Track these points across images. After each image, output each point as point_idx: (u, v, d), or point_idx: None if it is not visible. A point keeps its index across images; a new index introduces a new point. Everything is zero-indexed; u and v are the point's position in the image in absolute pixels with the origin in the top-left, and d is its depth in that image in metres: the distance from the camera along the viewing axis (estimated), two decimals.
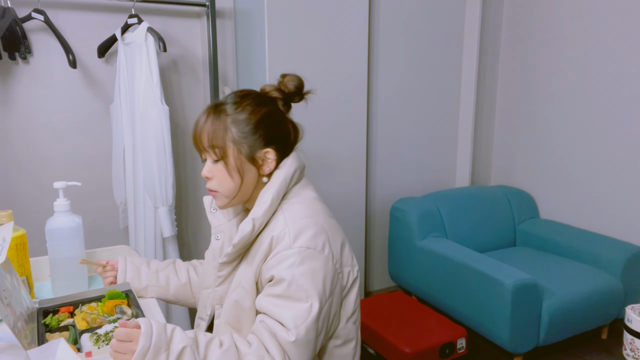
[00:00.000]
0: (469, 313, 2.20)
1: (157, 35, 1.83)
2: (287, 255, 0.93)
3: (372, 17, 2.58)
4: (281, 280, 0.92)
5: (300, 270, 0.92)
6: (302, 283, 0.91)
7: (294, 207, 1.01)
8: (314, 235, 0.96)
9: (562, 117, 2.71)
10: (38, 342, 0.93)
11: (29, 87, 1.98)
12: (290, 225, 0.96)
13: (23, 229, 1.18)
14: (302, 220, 0.97)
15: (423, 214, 2.55)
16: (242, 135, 0.99)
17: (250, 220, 0.97)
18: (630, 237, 2.42)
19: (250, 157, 1.01)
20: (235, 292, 1.01)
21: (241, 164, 1.00)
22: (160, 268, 1.26)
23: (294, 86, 1.06)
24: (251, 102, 1.01)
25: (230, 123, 0.99)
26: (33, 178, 2.04)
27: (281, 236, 0.96)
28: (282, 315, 0.91)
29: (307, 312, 0.90)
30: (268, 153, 1.01)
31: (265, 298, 0.95)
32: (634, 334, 1.49)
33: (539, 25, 2.79)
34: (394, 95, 2.75)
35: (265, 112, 1.01)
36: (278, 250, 0.95)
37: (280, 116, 1.05)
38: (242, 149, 1.00)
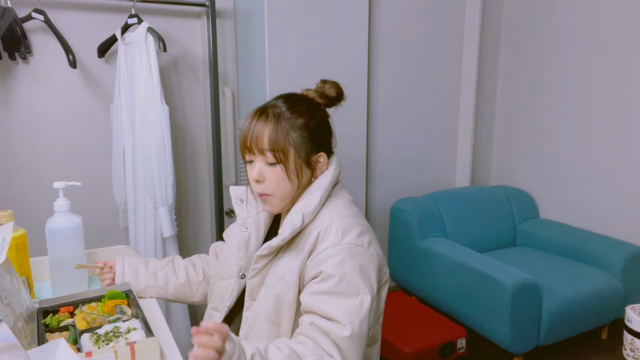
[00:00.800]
0: (469, 313, 2.20)
1: (157, 35, 1.83)
2: (336, 251, 0.95)
3: (372, 17, 2.58)
4: (331, 277, 0.94)
5: (350, 266, 0.94)
6: (352, 279, 0.93)
7: (337, 205, 1.05)
8: (360, 234, 0.99)
9: (562, 117, 2.71)
10: (38, 342, 0.93)
11: (29, 87, 1.98)
12: (336, 222, 1.00)
13: (23, 229, 1.18)
14: (347, 219, 1.01)
15: (423, 214, 2.55)
16: (302, 141, 1.02)
17: (300, 216, 1.00)
18: (630, 237, 2.42)
19: (307, 161, 1.04)
20: (277, 286, 1.01)
21: (300, 168, 1.03)
22: (159, 268, 1.25)
23: (335, 92, 1.11)
24: (306, 108, 1.05)
25: (290, 128, 1.01)
26: (33, 178, 2.04)
27: (328, 232, 0.98)
28: (334, 311, 0.91)
29: (359, 306, 0.92)
30: (320, 157, 1.06)
31: (313, 296, 0.95)
32: (634, 334, 1.49)
33: (539, 25, 2.79)
34: (394, 96, 2.75)
35: (320, 118, 1.07)
36: (326, 246, 0.97)
37: (329, 122, 1.10)
38: (301, 153, 1.03)
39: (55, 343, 0.83)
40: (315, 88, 1.12)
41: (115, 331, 0.95)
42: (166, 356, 0.95)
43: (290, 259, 1.02)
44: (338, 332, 0.90)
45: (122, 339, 0.93)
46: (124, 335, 0.94)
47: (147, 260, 1.27)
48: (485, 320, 2.12)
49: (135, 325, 0.98)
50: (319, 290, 0.94)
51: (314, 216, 1.03)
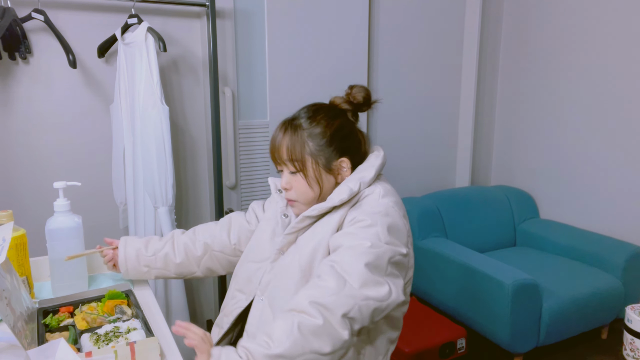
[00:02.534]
0: (469, 313, 2.20)
1: (157, 35, 1.83)
2: (375, 205, 1.02)
3: (372, 17, 2.58)
4: (362, 220, 0.99)
5: (384, 220, 0.99)
6: (379, 230, 0.97)
7: (386, 185, 1.11)
8: (398, 203, 1.06)
9: (562, 117, 2.71)
10: (38, 342, 0.93)
11: (29, 87, 1.98)
12: (379, 187, 1.06)
13: (23, 229, 1.18)
14: (392, 190, 1.09)
15: (423, 214, 2.55)
16: (319, 149, 1.06)
17: (357, 183, 1.06)
18: (630, 237, 2.42)
19: (327, 168, 1.08)
20: (313, 241, 1.05)
21: (320, 175, 1.08)
22: (158, 249, 1.26)
23: (362, 97, 1.13)
24: (324, 116, 1.08)
25: (307, 137, 1.06)
26: (33, 178, 2.04)
27: (371, 193, 1.05)
28: (357, 241, 0.96)
29: (378, 248, 0.96)
30: (343, 162, 1.09)
31: (340, 234, 1.00)
32: (634, 334, 1.49)
33: (539, 25, 2.79)
34: (394, 96, 2.75)
35: (338, 124, 1.09)
36: (367, 201, 1.04)
37: (351, 127, 1.12)
38: (320, 160, 1.07)
39: (55, 343, 0.83)
40: (344, 94, 1.16)
41: (115, 331, 0.95)
42: (166, 356, 0.95)
43: (330, 220, 1.06)
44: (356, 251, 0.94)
45: (122, 339, 0.93)
46: (124, 335, 0.94)
47: (148, 240, 1.27)
48: (485, 320, 2.12)
49: (135, 325, 0.98)
50: (347, 230, 1.00)
51: (367, 187, 1.07)
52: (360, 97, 1.13)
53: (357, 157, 1.12)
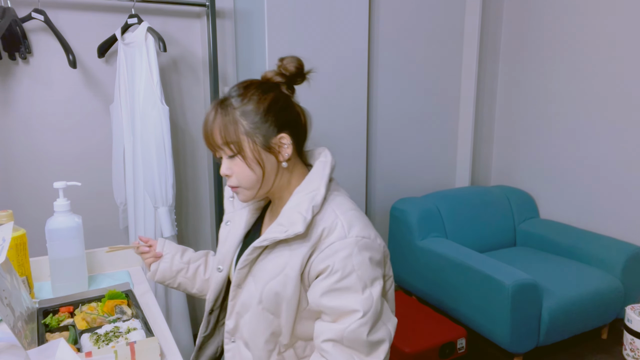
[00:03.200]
0: (469, 313, 2.20)
1: (157, 35, 1.83)
2: (343, 245, 0.93)
3: (372, 17, 2.58)
4: (338, 271, 0.92)
5: (358, 259, 0.92)
6: (361, 273, 0.92)
7: (338, 198, 1.02)
8: (365, 226, 0.97)
9: (562, 117, 2.71)
10: (38, 342, 0.93)
11: (29, 87, 1.98)
12: (340, 216, 0.96)
13: (23, 229, 1.18)
14: (351, 212, 0.98)
15: (423, 214, 2.55)
16: (254, 126, 0.97)
17: (310, 208, 0.96)
18: (630, 237, 2.42)
19: (266, 146, 0.99)
20: (276, 280, 0.97)
21: (259, 155, 0.99)
22: (193, 260, 1.25)
23: (294, 67, 1.03)
24: (256, 91, 1.00)
25: (239, 116, 0.97)
26: (33, 178, 2.04)
27: (333, 227, 0.95)
28: (344, 304, 0.91)
29: (369, 299, 0.92)
30: (283, 138, 0.99)
31: (323, 294, 0.93)
32: (634, 334, 1.49)
33: (539, 26, 2.79)
34: (394, 96, 2.75)
35: (272, 98, 1.00)
36: (332, 240, 0.94)
37: (286, 100, 1.02)
38: (257, 139, 0.98)
39: (55, 343, 0.83)
40: (276, 67, 1.06)
41: (115, 331, 0.95)
42: (166, 356, 0.95)
43: (291, 252, 0.97)
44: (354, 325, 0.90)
45: (122, 339, 0.93)
46: (124, 335, 0.94)
47: (185, 249, 1.26)
48: (485, 320, 2.12)
49: (135, 325, 0.98)
50: (327, 287, 0.93)
51: (321, 205, 0.99)
52: (292, 67, 1.03)
53: (297, 131, 1.03)
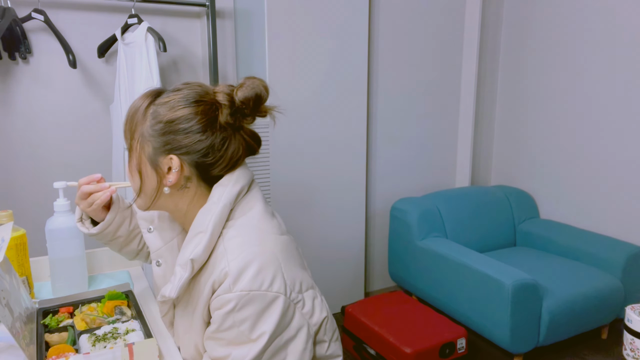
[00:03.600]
0: (469, 313, 2.20)
1: (157, 35, 1.83)
2: (227, 299, 0.80)
3: (372, 17, 2.58)
4: (221, 324, 0.81)
5: (240, 315, 0.80)
6: (243, 329, 0.80)
7: (238, 234, 0.85)
8: (258, 271, 0.81)
9: (562, 117, 2.71)
10: (37, 343, 0.93)
11: (29, 87, 1.98)
12: (231, 262, 0.81)
13: (23, 229, 1.18)
14: (246, 253, 0.82)
15: (423, 214, 2.55)
16: (151, 132, 0.84)
17: (188, 263, 0.83)
18: (630, 237, 2.42)
19: (152, 161, 0.85)
20: (188, 334, 0.92)
21: (140, 165, 0.86)
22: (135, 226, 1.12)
23: (242, 96, 0.85)
24: (181, 97, 0.84)
25: (150, 113, 0.85)
26: (33, 178, 2.04)
27: (222, 278, 0.81)
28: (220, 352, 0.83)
29: (245, 354, 0.80)
30: (172, 160, 0.84)
31: (205, 338, 0.87)
32: (634, 334, 1.48)
33: (539, 26, 2.78)
34: (394, 95, 2.75)
35: (186, 113, 0.83)
36: (219, 293, 0.81)
37: (207, 124, 0.84)
38: (146, 147, 0.85)
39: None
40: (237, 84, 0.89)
41: (113, 332, 0.95)
42: (165, 357, 0.95)
43: (191, 309, 0.89)
44: None
45: (121, 340, 0.93)
46: (122, 336, 0.94)
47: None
48: (485, 320, 2.12)
49: (134, 326, 0.98)
50: (208, 334, 0.85)
51: (208, 255, 0.85)
52: (241, 96, 0.85)
53: (201, 162, 0.85)
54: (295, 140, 2.38)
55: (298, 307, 0.86)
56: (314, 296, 0.90)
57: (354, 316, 2.20)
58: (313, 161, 2.46)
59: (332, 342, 0.95)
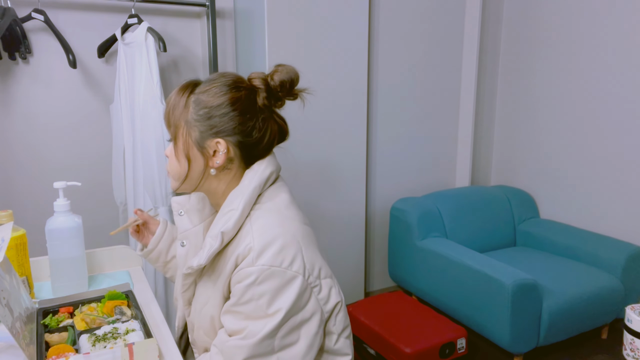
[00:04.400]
0: (469, 313, 2.20)
1: (157, 35, 1.83)
2: (249, 272, 0.85)
3: (372, 17, 2.58)
4: (240, 297, 0.86)
5: (260, 289, 0.85)
6: (261, 303, 0.85)
7: (264, 215, 0.91)
8: (280, 249, 0.86)
9: (562, 117, 2.71)
10: (37, 343, 0.93)
11: (29, 87, 1.98)
12: (256, 239, 0.87)
13: (23, 229, 1.18)
14: (271, 232, 0.88)
15: (423, 214, 2.55)
16: (196, 118, 0.90)
17: (218, 235, 0.89)
18: (630, 237, 2.42)
19: (199, 145, 0.91)
20: (206, 308, 0.96)
21: (188, 150, 0.92)
22: None
23: (278, 80, 0.93)
24: (221, 85, 0.91)
25: (192, 102, 0.91)
26: (33, 178, 2.04)
27: (245, 253, 0.87)
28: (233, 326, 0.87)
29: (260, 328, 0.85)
30: (219, 144, 0.91)
31: (223, 313, 0.90)
32: (634, 334, 1.48)
33: (539, 26, 2.78)
34: (394, 96, 2.75)
35: (230, 98, 0.90)
36: (241, 267, 0.87)
37: (248, 107, 0.92)
38: (193, 133, 0.91)
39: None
40: None
41: (113, 332, 0.95)
42: (165, 357, 0.95)
43: (214, 280, 0.94)
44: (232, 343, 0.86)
45: (121, 340, 0.93)
46: (122, 336, 0.94)
47: None
48: (485, 320, 2.12)
49: (134, 326, 0.98)
50: (226, 308, 0.89)
51: (237, 230, 0.91)
52: (277, 80, 0.93)
53: (246, 145, 0.93)
54: (294, 140, 2.38)
55: (315, 291, 0.90)
56: (331, 285, 0.94)
57: (354, 316, 2.20)
58: (313, 161, 2.46)
59: (341, 336, 0.97)
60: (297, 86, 0.96)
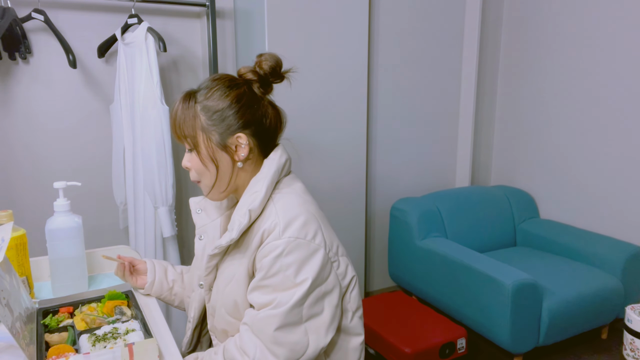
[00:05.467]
0: (469, 313, 2.20)
1: (157, 35, 1.83)
2: (276, 245, 0.92)
3: (372, 17, 2.58)
4: (269, 270, 0.92)
5: (287, 260, 0.91)
6: (289, 273, 0.91)
7: (285, 197, 0.99)
8: (304, 224, 0.94)
9: (562, 117, 2.71)
10: (37, 343, 0.93)
11: (29, 87, 1.98)
12: (280, 215, 0.94)
13: (23, 229, 1.18)
14: (293, 210, 0.95)
15: (423, 214, 2.55)
16: (211, 123, 0.96)
17: (247, 212, 0.95)
18: (630, 237, 2.42)
19: (222, 145, 0.98)
20: (230, 286, 1.00)
21: (213, 153, 0.98)
22: (185, 270, 1.28)
23: (268, 66, 1.00)
24: (220, 87, 0.98)
25: (200, 110, 0.97)
26: (33, 178, 2.04)
27: (272, 228, 0.93)
28: (268, 298, 0.91)
29: (289, 297, 0.90)
30: (240, 138, 0.98)
31: (252, 291, 0.95)
32: (634, 334, 1.48)
33: (539, 25, 2.78)
34: (394, 95, 2.75)
35: (235, 95, 0.97)
36: (269, 241, 0.93)
37: (251, 99, 0.99)
38: (212, 136, 0.97)
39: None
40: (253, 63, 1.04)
41: (113, 332, 0.95)
42: (165, 357, 0.95)
43: (239, 258, 0.99)
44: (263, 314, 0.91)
45: (121, 340, 0.93)
46: (122, 336, 0.94)
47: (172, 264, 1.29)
48: (485, 320, 2.12)
49: (134, 326, 0.98)
50: (254, 284, 0.94)
51: (262, 210, 0.98)
52: (267, 67, 1.00)
53: (261, 132, 1.01)
54: (295, 140, 2.38)
55: (334, 266, 0.98)
56: (347, 262, 1.03)
57: None
58: (313, 161, 2.46)
59: (355, 315, 1.03)
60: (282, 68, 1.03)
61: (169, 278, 1.24)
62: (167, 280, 1.24)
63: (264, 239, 0.94)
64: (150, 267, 1.23)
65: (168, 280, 1.24)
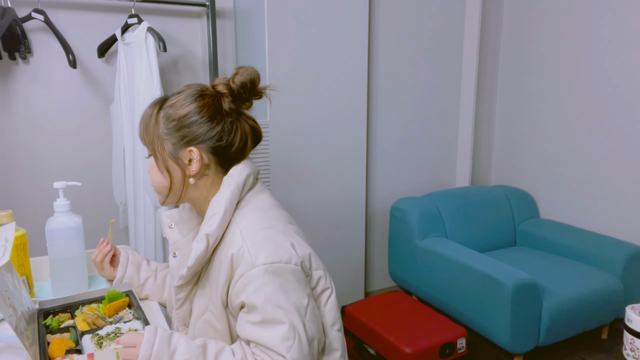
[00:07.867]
0: (469, 313, 2.20)
1: (157, 35, 1.83)
2: (253, 276, 0.86)
3: (372, 17, 2.58)
4: (254, 306, 0.86)
5: (270, 289, 0.85)
6: (276, 302, 0.85)
7: (248, 217, 0.93)
8: (275, 247, 0.88)
9: (562, 117, 2.71)
10: (39, 343, 0.92)
11: (29, 87, 1.98)
12: (248, 240, 0.88)
13: (23, 229, 1.18)
14: (260, 233, 0.90)
15: (423, 214, 2.55)
16: (167, 132, 0.94)
17: (203, 238, 0.90)
18: (630, 237, 2.42)
19: (174, 156, 0.95)
20: (204, 316, 0.96)
21: (165, 162, 0.95)
22: (160, 268, 1.24)
23: (239, 82, 0.96)
24: (186, 96, 0.95)
25: (162, 117, 0.95)
26: (33, 178, 2.04)
27: (241, 254, 0.88)
28: (270, 342, 0.85)
29: (292, 330, 0.85)
30: (192, 152, 0.94)
31: (246, 327, 0.88)
32: (634, 334, 1.48)
33: (539, 26, 2.79)
34: (394, 95, 2.75)
35: (196, 107, 0.93)
36: (242, 272, 0.87)
37: (215, 114, 0.94)
38: (166, 146, 0.95)
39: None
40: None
41: (116, 332, 0.95)
42: None
43: (210, 287, 0.94)
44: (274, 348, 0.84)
45: None
46: None
47: (148, 260, 1.26)
48: (485, 320, 2.12)
49: (136, 326, 0.98)
50: (248, 322, 0.87)
51: (221, 233, 0.93)
52: (238, 82, 0.96)
53: (217, 148, 0.95)
54: (295, 140, 2.38)
55: (308, 280, 0.93)
56: (320, 276, 0.97)
57: (354, 316, 2.20)
58: (313, 161, 2.46)
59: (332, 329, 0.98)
60: (259, 85, 0.99)
61: (141, 275, 1.19)
62: (139, 277, 1.19)
63: (234, 266, 0.89)
64: (122, 262, 1.18)
65: (140, 277, 1.19)
